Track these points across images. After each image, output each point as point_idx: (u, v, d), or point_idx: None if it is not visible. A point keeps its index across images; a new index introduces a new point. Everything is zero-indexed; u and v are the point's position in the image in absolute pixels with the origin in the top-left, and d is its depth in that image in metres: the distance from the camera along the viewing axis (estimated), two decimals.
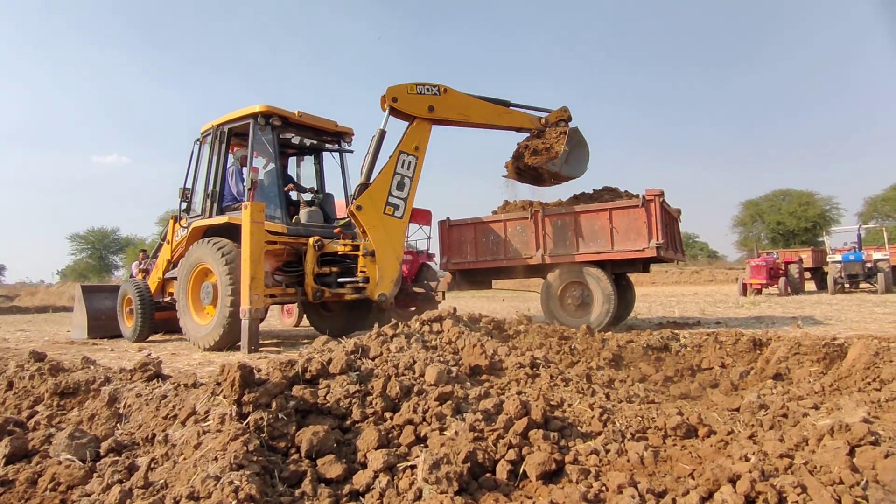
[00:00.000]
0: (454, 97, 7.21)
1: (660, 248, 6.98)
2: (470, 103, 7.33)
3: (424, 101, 6.99)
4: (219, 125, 7.43)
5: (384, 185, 6.81)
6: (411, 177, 6.94)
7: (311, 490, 1.79)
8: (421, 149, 7.03)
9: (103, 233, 48.35)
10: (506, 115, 7.68)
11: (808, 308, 11.29)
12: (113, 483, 1.92)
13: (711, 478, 1.69)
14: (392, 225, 6.87)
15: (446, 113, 7.14)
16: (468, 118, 7.30)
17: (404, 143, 6.94)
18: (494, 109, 7.54)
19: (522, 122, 7.86)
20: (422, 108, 6.99)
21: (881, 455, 1.69)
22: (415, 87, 6.95)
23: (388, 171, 6.84)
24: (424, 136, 7.08)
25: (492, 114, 7.53)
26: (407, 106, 6.94)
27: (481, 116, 7.42)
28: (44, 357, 3.90)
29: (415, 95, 6.95)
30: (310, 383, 2.48)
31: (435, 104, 7.04)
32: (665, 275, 36.07)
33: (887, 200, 44.67)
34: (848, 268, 17.49)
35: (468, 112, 7.31)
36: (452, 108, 7.19)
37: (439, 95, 7.07)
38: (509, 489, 1.88)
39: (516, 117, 7.81)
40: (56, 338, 9.37)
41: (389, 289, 6.83)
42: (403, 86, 6.91)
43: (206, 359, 5.93)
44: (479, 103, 7.40)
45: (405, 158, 6.91)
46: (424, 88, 7.00)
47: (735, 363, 3.95)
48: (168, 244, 8.22)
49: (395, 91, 6.85)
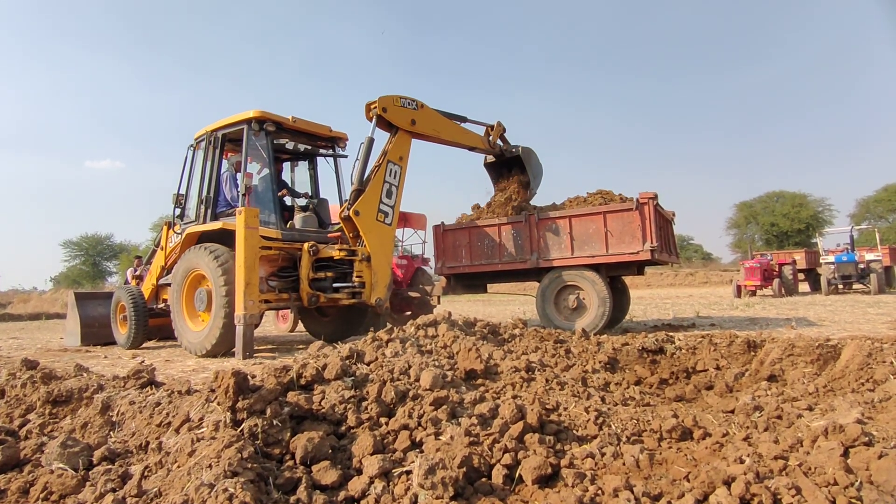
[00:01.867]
0: (429, 114, 7.60)
1: (654, 251, 7.01)
2: (441, 122, 7.79)
3: (407, 114, 7.29)
4: (213, 131, 7.42)
5: (376, 192, 7.00)
6: (397, 185, 7.20)
7: (305, 497, 1.78)
8: (404, 159, 7.32)
9: (97, 239, 47.99)
10: (467, 135, 8.17)
11: (802, 309, 11.34)
12: (106, 492, 1.91)
13: (706, 480, 1.70)
14: (383, 232, 7.05)
15: (424, 128, 7.50)
16: (439, 135, 7.73)
17: (391, 153, 7.18)
18: (459, 129, 8.06)
19: (476, 142, 8.34)
20: (405, 121, 7.27)
21: (875, 456, 1.69)
22: (399, 100, 7.23)
23: (379, 179, 7.04)
24: (406, 148, 7.39)
25: (458, 133, 8.03)
26: (394, 117, 7.19)
27: (450, 135, 7.88)
28: (36, 365, 3.86)
29: (399, 108, 7.24)
30: (305, 389, 2.47)
31: (416, 118, 7.37)
32: (660, 277, 36.17)
33: (879, 202, 45.05)
34: (841, 269, 17.59)
35: (440, 130, 7.75)
36: (428, 124, 7.56)
37: (417, 110, 7.42)
38: (505, 494, 1.87)
39: (474, 138, 8.27)
40: (49, 345, 9.29)
41: (384, 293, 6.96)
42: (391, 97, 7.18)
43: (201, 365, 5.90)
44: (448, 122, 7.90)
45: (392, 168, 7.16)
46: (406, 102, 7.31)
47: (730, 365, 3.96)
48: (162, 250, 8.19)
49: (385, 101, 7.09)
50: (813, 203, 44.81)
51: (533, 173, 8.64)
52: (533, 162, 8.73)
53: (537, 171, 8.77)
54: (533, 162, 8.73)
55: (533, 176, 8.61)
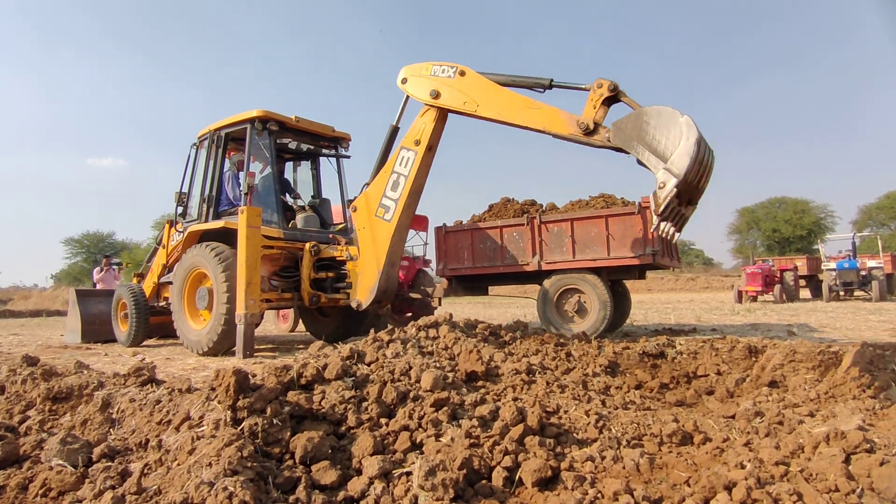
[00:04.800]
0: (468, 82, 5.53)
1: (656, 256, 7.00)
2: (485, 91, 5.45)
3: (430, 84, 5.64)
4: (216, 130, 7.42)
5: (381, 184, 6.03)
6: (406, 175, 5.83)
7: (305, 496, 1.78)
8: (422, 143, 5.72)
9: (98, 237, 48.08)
10: (529, 111, 5.30)
11: (804, 315, 11.32)
12: (105, 489, 1.90)
13: (707, 485, 1.69)
14: (380, 228, 6.02)
15: (451, 101, 5.59)
16: (475, 111, 5.48)
17: (406, 137, 5.88)
18: (513, 103, 5.36)
19: (552, 124, 5.18)
20: (424, 92, 5.67)
21: (876, 462, 1.69)
22: (430, 68, 5.65)
23: (387, 170, 5.98)
24: (428, 129, 5.73)
25: (509, 108, 5.38)
26: (413, 88, 5.76)
27: (495, 110, 5.40)
28: (36, 361, 3.87)
29: (422, 77, 5.68)
30: (305, 389, 2.47)
31: (441, 89, 5.57)
32: (661, 282, 36.14)
33: (881, 209, 45.07)
34: (843, 275, 17.55)
35: (478, 101, 5.45)
36: (457, 96, 5.54)
37: (452, 79, 5.56)
38: (505, 496, 1.87)
39: (544, 116, 5.23)
40: (49, 342, 9.30)
41: (365, 296, 6.20)
42: (420, 65, 5.71)
43: (201, 364, 5.90)
44: (497, 93, 5.43)
45: (404, 154, 5.87)
46: (440, 69, 5.61)
47: (731, 370, 3.95)
48: (164, 248, 8.19)
49: (408, 70, 5.75)
50: (815, 209, 44.87)
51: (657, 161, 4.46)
52: (649, 141, 4.47)
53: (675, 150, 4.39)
54: (649, 141, 4.47)
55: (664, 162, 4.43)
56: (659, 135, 4.38)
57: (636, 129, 4.51)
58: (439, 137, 5.72)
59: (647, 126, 4.44)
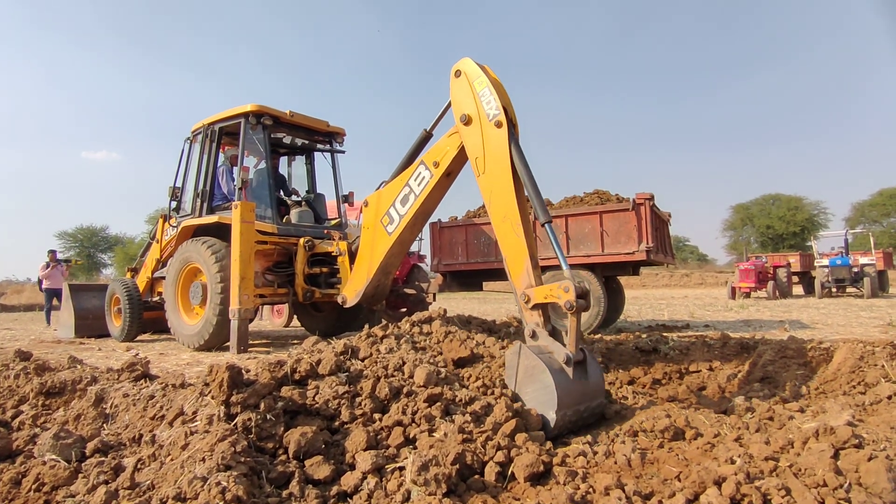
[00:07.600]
0: (494, 144, 3.76)
1: (649, 252, 7.03)
2: (500, 179, 3.69)
3: (471, 105, 3.98)
4: (209, 124, 7.38)
5: (393, 192, 5.31)
6: (418, 194, 5.03)
7: (298, 491, 1.78)
8: (441, 166, 4.65)
9: (92, 230, 47.78)
10: (511, 236, 3.62)
11: (796, 312, 11.40)
12: (98, 484, 1.90)
13: (697, 480, 1.71)
14: (380, 237, 5.55)
15: (468, 143, 4.03)
16: (476, 175, 3.89)
17: (429, 152, 4.88)
18: (508, 215, 3.60)
19: (514, 267, 3.77)
20: (460, 107, 4.11)
21: (865, 458, 1.71)
22: (483, 84, 3.90)
23: (402, 179, 5.16)
24: (451, 154, 4.50)
25: (498, 213, 3.64)
26: (457, 91, 4.18)
27: (488, 197, 3.74)
28: (29, 356, 3.85)
29: (470, 93, 4.03)
30: (299, 384, 2.47)
31: (472, 120, 3.97)
32: (655, 278, 36.27)
33: (874, 206, 45.34)
34: (835, 272, 17.67)
35: (486, 173, 3.80)
36: (479, 147, 3.87)
37: (486, 119, 3.84)
38: (497, 491, 1.88)
39: (517, 254, 3.63)
40: (42, 337, 9.26)
41: (351, 297, 5.83)
42: (478, 71, 3.96)
43: (195, 359, 5.89)
44: (506, 189, 3.63)
45: (421, 172, 4.95)
46: (486, 97, 3.88)
47: (723, 366, 3.98)
48: (157, 243, 8.15)
49: (467, 66, 4.05)
50: (808, 206, 45.10)
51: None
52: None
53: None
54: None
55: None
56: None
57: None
58: (462, 165, 4.68)
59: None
